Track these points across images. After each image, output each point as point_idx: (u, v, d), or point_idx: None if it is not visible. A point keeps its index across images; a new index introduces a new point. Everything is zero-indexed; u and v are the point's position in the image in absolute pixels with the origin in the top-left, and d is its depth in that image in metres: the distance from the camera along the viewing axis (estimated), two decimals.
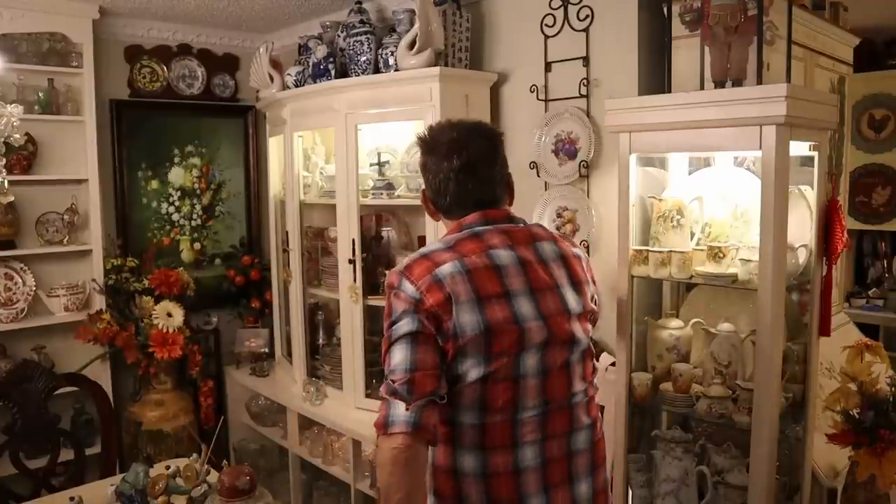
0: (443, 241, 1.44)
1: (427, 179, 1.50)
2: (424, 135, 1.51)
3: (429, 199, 1.52)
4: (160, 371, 3.39)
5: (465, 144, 1.45)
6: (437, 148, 1.47)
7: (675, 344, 2.12)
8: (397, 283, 1.36)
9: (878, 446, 1.95)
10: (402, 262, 1.40)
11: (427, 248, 1.44)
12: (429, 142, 1.49)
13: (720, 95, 1.86)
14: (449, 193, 1.46)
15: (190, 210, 3.94)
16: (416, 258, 1.39)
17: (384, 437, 1.30)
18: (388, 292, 1.38)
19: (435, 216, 1.55)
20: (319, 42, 3.05)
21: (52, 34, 3.27)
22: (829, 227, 1.99)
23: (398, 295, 1.35)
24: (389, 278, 1.39)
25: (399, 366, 1.31)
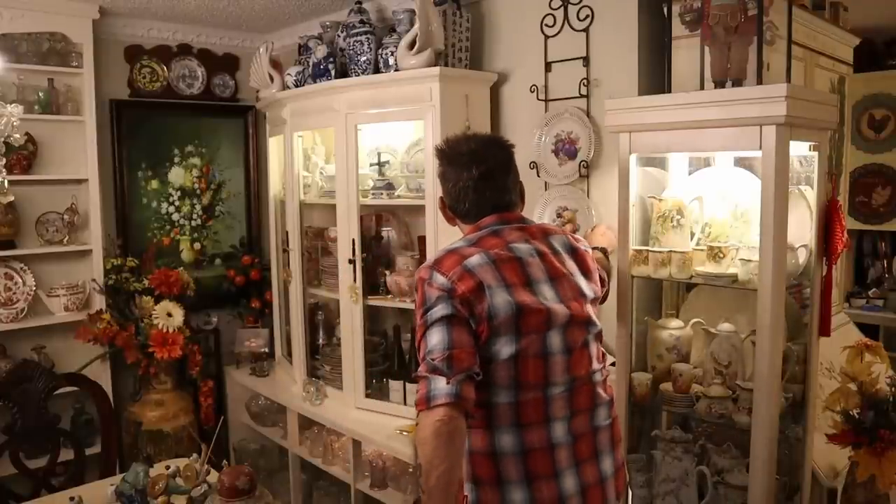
0: (465, 239, 1.56)
1: (446, 188, 1.62)
2: (443, 146, 1.63)
3: (447, 205, 1.64)
4: (160, 371, 3.39)
5: (483, 155, 1.58)
6: (457, 158, 1.59)
7: (675, 344, 2.12)
8: (428, 276, 1.46)
9: (878, 446, 1.95)
10: (430, 258, 1.54)
11: (451, 245, 1.54)
12: (448, 153, 1.62)
13: (720, 95, 1.86)
14: (468, 200, 1.59)
15: (190, 210, 3.94)
16: (444, 253, 1.50)
17: (426, 412, 1.36)
18: (420, 285, 1.47)
19: (452, 221, 1.67)
20: (319, 42, 3.05)
21: (52, 34, 3.27)
22: (829, 227, 1.99)
23: (431, 285, 1.45)
24: (419, 273, 1.49)
25: (437, 345, 1.39)
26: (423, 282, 1.47)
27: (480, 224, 1.58)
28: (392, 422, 2.77)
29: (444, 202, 1.65)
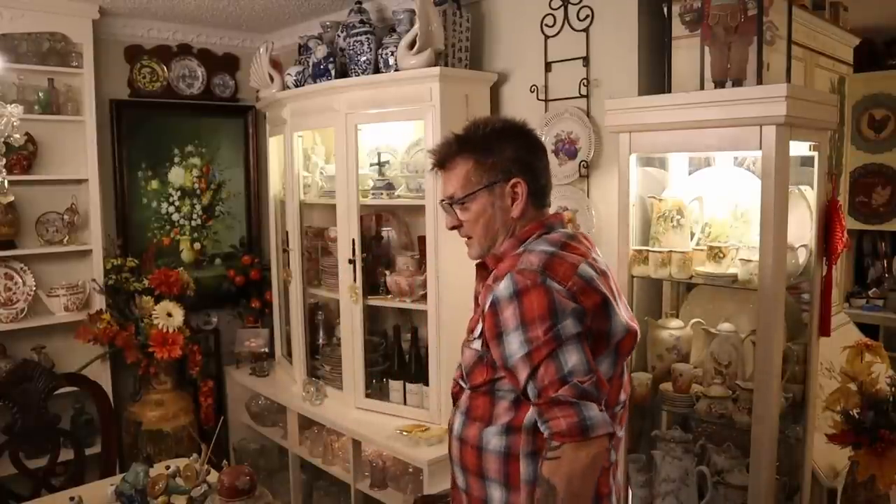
0: (549, 241, 1.38)
1: (532, 173, 1.43)
2: (530, 129, 1.48)
3: (530, 197, 1.42)
4: (160, 371, 3.39)
5: None
6: (539, 143, 1.48)
7: (675, 344, 2.12)
8: (541, 281, 1.27)
9: (878, 446, 1.95)
10: (530, 261, 1.32)
11: (545, 246, 1.37)
12: (535, 137, 1.48)
13: (720, 95, 1.86)
14: (548, 190, 1.49)
15: (190, 210, 3.94)
16: (547, 257, 1.32)
17: (584, 442, 1.22)
18: (531, 292, 1.26)
19: (518, 220, 1.43)
20: (319, 42, 3.05)
21: (52, 34, 3.27)
22: (829, 227, 1.99)
23: (549, 294, 1.26)
24: (525, 278, 1.28)
25: (579, 366, 1.24)
26: (535, 289, 1.26)
27: (545, 221, 1.44)
28: (392, 422, 2.77)
29: (528, 187, 1.41)
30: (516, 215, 1.41)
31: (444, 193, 1.47)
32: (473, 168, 1.42)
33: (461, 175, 1.43)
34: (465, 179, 1.42)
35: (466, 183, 1.42)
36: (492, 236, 1.44)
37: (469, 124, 1.46)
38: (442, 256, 2.63)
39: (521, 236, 1.42)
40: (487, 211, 1.42)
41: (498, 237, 1.43)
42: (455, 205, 1.45)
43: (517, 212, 1.41)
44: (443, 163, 1.47)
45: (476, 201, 1.43)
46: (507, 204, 1.42)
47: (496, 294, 1.30)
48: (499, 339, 1.29)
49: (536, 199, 1.43)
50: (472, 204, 1.43)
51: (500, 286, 1.30)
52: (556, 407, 1.23)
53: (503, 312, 1.28)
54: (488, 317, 1.30)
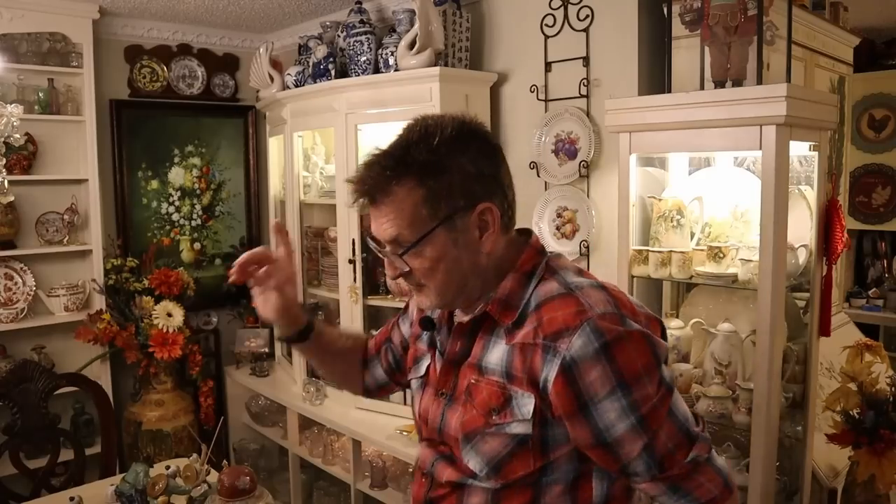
0: (573, 269, 1.11)
1: (501, 197, 1.08)
2: (482, 127, 1.11)
3: (500, 220, 1.07)
4: (160, 371, 3.39)
5: None
6: (496, 144, 1.12)
7: (675, 344, 2.12)
8: (633, 327, 0.99)
9: (878, 446, 1.95)
10: (595, 300, 1.01)
11: (577, 278, 1.08)
12: (490, 137, 1.12)
13: (720, 95, 1.86)
14: (515, 205, 1.12)
15: (190, 210, 3.94)
16: (607, 292, 1.03)
17: (731, 498, 1.07)
18: (626, 342, 0.97)
19: (494, 245, 1.07)
20: (319, 42, 3.05)
21: (52, 34, 3.27)
22: (829, 227, 1.99)
23: (645, 338, 0.99)
24: (613, 324, 0.98)
25: (688, 413, 1.04)
26: (635, 335, 0.98)
27: (536, 246, 1.13)
28: (392, 422, 2.77)
29: (498, 215, 1.06)
30: (489, 250, 1.06)
31: (382, 235, 1.06)
32: (423, 198, 1.02)
33: (407, 210, 1.02)
34: (413, 215, 1.02)
35: (415, 220, 1.02)
36: (458, 283, 1.07)
37: (406, 132, 1.08)
38: None
39: (523, 268, 1.09)
40: (449, 253, 1.04)
41: (468, 282, 1.08)
42: (406, 253, 1.05)
43: (489, 245, 1.05)
44: (374, 195, 1.05)
45: (432, 243, 1.03)
46: (475, 237, 1.05)
47: (570, 355, 0.96)
48: (583, 413, 0.98)
49: (507, 220, 1.09)
50: (426, 248, 1.03)
51: (570, 343, 0.97)
52: (698, 474, 1.02)
53: (586, 376, 0.96)
54: (560, 387, 0.97)
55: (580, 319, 0.98)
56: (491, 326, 1.09)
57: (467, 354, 1.11)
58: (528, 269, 1.09)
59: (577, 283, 1.05)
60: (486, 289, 1.10)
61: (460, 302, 1.13)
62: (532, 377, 1.01)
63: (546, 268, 1.10)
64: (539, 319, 1.02)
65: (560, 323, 0.99)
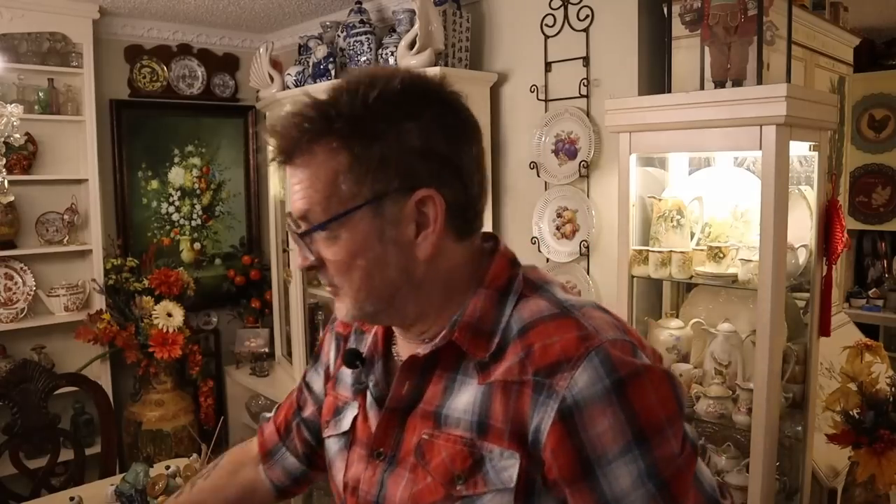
0: (561, 285, 0.87)
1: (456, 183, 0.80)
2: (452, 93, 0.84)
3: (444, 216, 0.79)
4: (160, 371, 3.39)
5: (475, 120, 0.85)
6: (469, 117, 0.84)
7: (675, 344, 2.12)
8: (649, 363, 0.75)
9: (878, 446, 1.95)
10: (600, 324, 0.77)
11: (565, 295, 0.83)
12: (461, 107, 0.84)
13: (720, 95, 1.86)
14: (482, 203, 0.85)
15: (190, 210, 3.94)
16: (608, 315, 0.80)
17: None
18: (643, 379, 0.73)
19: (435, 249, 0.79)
20: (319, 42, 3.05)
21: (52, 34, 3.27)
22: (829, 227, 1.98)
23: (665, 377, 0.75)
24: (625, 354, 0.74)
25: (715, 484, 0.80)
26: (653, 372, 0.74)
27: (509, 256, 0.87)
28: None
29: (446, 205, 0.78)
30: (426, 255, 0.79)
31: (293, 208, 0.81)
32: (346, 167, 0.76)
33: (323, 179, 0.77)
34: (330, 187, 0.77)
35: (332, 194, 0.77)
36: (381, 292, 0.80)
37: (345, 78, 0.81)
38: None
39: (495, 283, 0.82)
40: (371, 247, 0.78)
41: (397, 294, 0.80)
42: (312, 233, 0.79)
43: (427, 249, 0.78)
44: (289, 153, 0.79)
45: (349, 229, 0.77)
46: (409, 234, 0.78)
47: (572, 396, 0.71)
48: (588, 477, 0.72)
49: (463, 221, 0.81)
50: (341, 233, 0.77)
51: (572, 379, 0.72)
52: None
53: (593, 426, 0.71)
54: (558, 441, 0.72)
55: (585, 348, 0.73)
56: (454, 361, 0.81)
57: (418, 399, 0.83)
58: (501, 284, 0.82)
59: (572, 301, 0.81)
60: (432, 309, 0.83)
61: (389, 319, 0.86)
62: (518, 427, 0.74)
63: (525, 282, 0.83)
64: (527, 348, 0.75)
65: (557, 352, 0.73)
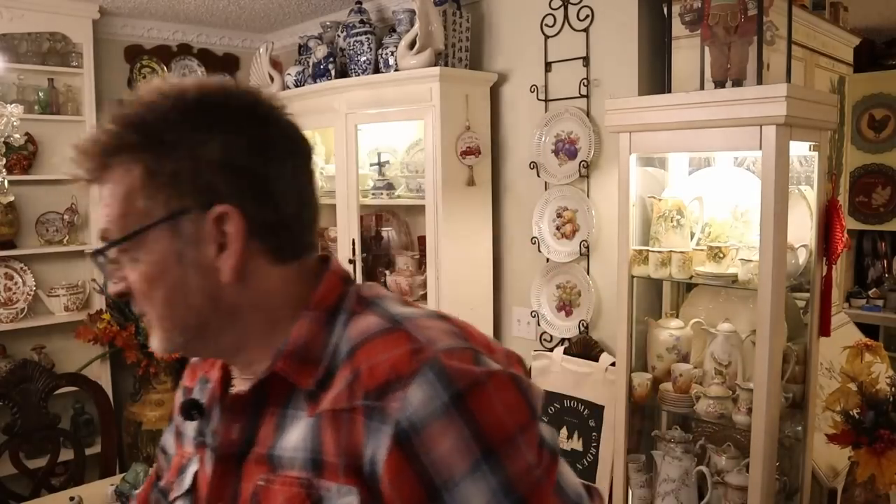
0: (395, 299, 0.79)
1: (265, 200, 0.73)
2: (265, 101, 0.78)
3: (244, 233, 0.71)
4: (160, 371, 3.39)
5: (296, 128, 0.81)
6: (287, 125, 0.79)
7: (675, 344, 2.12)
8: (493, 367, 0.68)
9: (878, 446, 1.95)
10: (434, 334, 0.70)
11: (402, 307, 0.76)
12: (276, 115, 0.79)
13: (720, 95, 1.86)
14: (307, 225, 0.79)
15: None
16: (445, 321, 0.74)
17: None
18: (487, 388, 0.66)
19: (237, 272, 0.72)
20: (319, 42, 3.05)
21: (52, 34, 3.27)
22: (829, 227, 1.98)
23: (513, 381, 0.68)
24: (463, 362, 0.67)
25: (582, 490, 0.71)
26: (498, 377, 0.67)
27: (340, 273, 0.80)
28: None
29: (245, 222, 0.71)
30: (229, 279, 0.71)
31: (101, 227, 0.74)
32: (141, 182, 0.70)
33: (120, 196, 0.71)
34: (126, 205, 0.71)
35: (128, 211, 0.71)
36: (186, 319, 0.73)
37: (141, 93, 0.74)
38: (442, 256, 2.63)
39: (323, 304, 0.76)
40: (170, 270, 0.71)
41: (207, 322, 0.73)
42: (104, 252, 0.72)
43: (229, 273, 0.71)
44: (92, 169, 0.74)
45: (147, 249, 0.71)
46: (209, 255, 0.71)
47: (407, 418, 0.64)
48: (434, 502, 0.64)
49: (279, 241, 0.75)
50: (140, 253, 0.71)
51: (405, 399, 0.64)
52: None
53: (434, 448, 0.64)
54: (396, 470, 0.64)
55: (417, 362, 0.65)
56: (285, 395, 0.73)
57: (252, 442, 0.75)
58: (330, 303, 0.75)
59: (405, 313, 0.73)
60: (254, 339, 0.75)
61: (205, 351, 0.80)
62: (352, 460, 0.66)
63: (357, 299, 0.76)
64: (355, 371, 0.68)
65: (387, 371, 0.66)
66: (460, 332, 0.71)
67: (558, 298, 2.65)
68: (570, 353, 2.51)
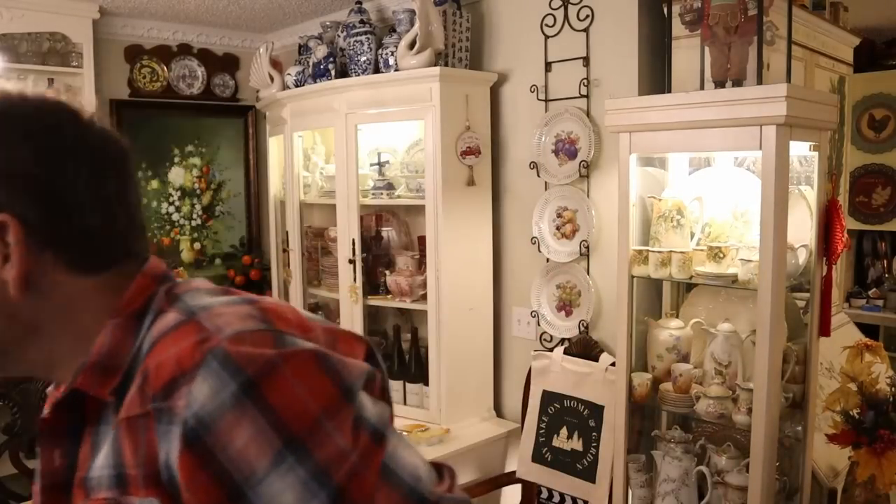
0: (207, 290, 0.73)
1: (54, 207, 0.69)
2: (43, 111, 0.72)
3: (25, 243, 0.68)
4: None
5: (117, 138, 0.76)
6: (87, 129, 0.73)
7: (675, 344, 2.12)
8: (290, 346, 0.62)
9: (878, 446, 1.95)
10: (227, 320, 0.64)
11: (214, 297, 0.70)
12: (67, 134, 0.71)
13: (720, 95, 1.86)
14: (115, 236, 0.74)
15: (190, 210, 3.94)
16: (249, 305, 0.68)
17: None
18: (285, 369, 0.60)
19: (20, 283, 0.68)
20: (319, 42, 3.05)
21: (52, 34, 3.27)
22: (829, 227, 1.99)
23: (317, 359, 0.62)
24: (255, 346, 0.61)
25: (425, 471, 0.66)
26: (301, 356, 0.62)
27: (153, 271, 0.74)
28: None
29: (23, 230, 0.67)
30: (16, 292, 0.68)
31: None
32: None
33: None
34: None
35: None
36: None
37: None
38: (442, 256, 2.63)
39: (130, 307, 0.71)
40: None
41: (10, 341, 0.70)
42: None
43: (14, 285, 0.67)
44: None
45: None
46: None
47: (194, 415, 0.58)
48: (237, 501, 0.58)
49: (79, 252, 0.70)
50: None
51: (190, 395, 0.59)
52: None
53: (228, 444, 0.58)
54: (190, 473, 0.59)
55: (201, 353, 0.60)
56: (97, 412, 0.69)
57: (73, 466, 0.70)
58: (136, 307, 0.71)
59: (204, 303, 0.68)
60: (65, 354, 0.71)
61: (16, 369, 0.74)
62: (151, 469, 0.61)
63: (166, 297, 0.71)
64: (144, 373, 0.64)
65: (172, 367, 0.61)
66: (262, 315, 0.66)
67: (558, 298, 2.65)
68: (570, 353, 2.51)
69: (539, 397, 2.54)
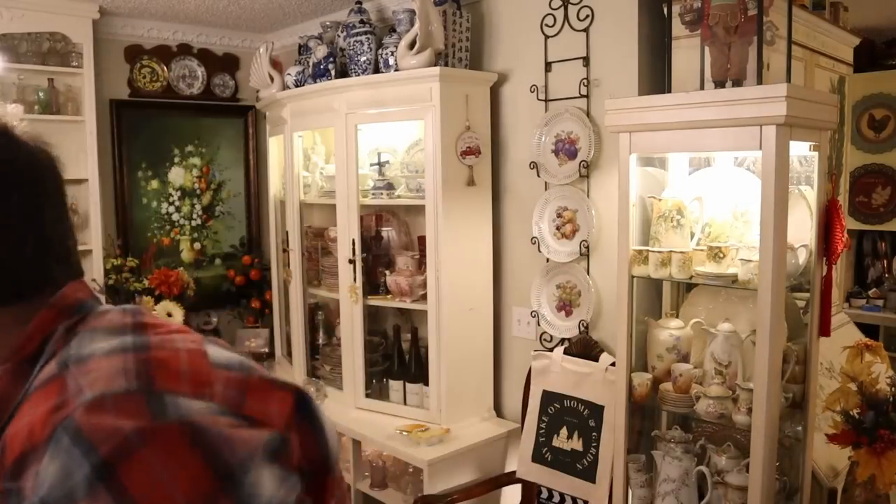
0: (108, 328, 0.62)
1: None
2: None
3: None
4: None
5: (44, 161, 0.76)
6: None
7: (675, 344, 2.12)
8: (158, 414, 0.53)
9: (878, 446, 1.95)
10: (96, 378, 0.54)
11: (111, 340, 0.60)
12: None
13: (720, 95, 1.86)
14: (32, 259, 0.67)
15: (190, 210, 3.94)
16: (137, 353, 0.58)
17: None
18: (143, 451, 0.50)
19: None
20: (319, 42, 3.05)
21: (52, 34, 3.27)
22: (829, 227, 1.98)
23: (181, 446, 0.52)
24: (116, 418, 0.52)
25: None
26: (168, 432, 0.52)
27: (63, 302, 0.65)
28: (392, 422, 2.77)
29: None
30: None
31: None
32: None
33: None
34: None
35: None
36: None
37: None
38: (442, 256, 2.63)
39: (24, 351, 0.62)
40: None
41: None
42: None
43: None
44: None
45: None
46: None
47: (42, 501, 0.49)
48: None
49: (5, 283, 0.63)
50: None
51: (38, 477, 0.50)
52: None
53: None
54: None
55: (51, 424, 0.51)
56: None
57: None
58: (30, 350, 0.61)
59: (87, 352, 0.58)
60: None
61: None
62: None
63: (64, 337, 0.61)
64: (3, 442, 0.55)
65: (23, 440, 0.53)
66: (141, 369, 0.55)
67: (558, 298, 2.65)
68: (570, 353, 2.51)
69: (539, 397, 2.54)
